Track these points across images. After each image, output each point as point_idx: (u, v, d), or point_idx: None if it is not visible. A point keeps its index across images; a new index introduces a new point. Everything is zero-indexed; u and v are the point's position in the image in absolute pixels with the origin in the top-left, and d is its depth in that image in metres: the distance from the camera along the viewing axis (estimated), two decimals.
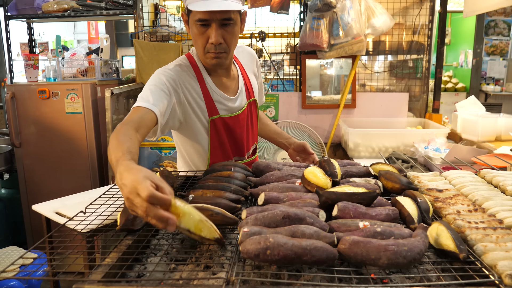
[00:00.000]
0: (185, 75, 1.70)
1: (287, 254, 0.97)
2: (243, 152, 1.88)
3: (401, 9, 3.85)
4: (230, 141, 1.82)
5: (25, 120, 3.33)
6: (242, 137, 1.85)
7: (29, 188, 3.45)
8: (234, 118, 1.80)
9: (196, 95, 1.72)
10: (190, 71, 1.73)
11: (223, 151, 1.81)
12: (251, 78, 1.94)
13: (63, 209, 1.77)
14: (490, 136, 3.21)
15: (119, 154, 1.20)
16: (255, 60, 2.00)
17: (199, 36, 1.61)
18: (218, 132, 1.77)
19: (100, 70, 3.46)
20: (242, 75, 1.88)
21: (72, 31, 7.75)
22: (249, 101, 1.88)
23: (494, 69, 7.22)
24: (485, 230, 1.15)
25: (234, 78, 1.84)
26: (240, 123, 1.83)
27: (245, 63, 1.94)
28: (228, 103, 1.78)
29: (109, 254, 1.09)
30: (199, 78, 1.73)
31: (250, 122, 1.90)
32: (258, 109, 1.97)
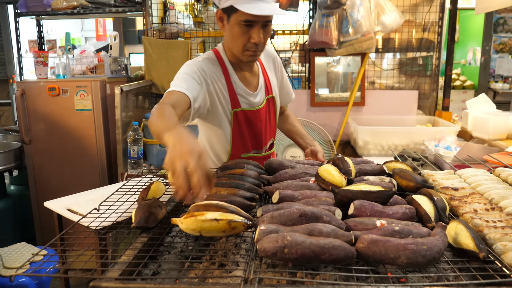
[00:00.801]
0: (213, 67, 1.79)
1: (305, 252, 0.96)
2: (261, 145, 1.95)
3: (410, 6, 3.82)
4: (250, 134, 1.90)
5: (35, 117, 3.34)
6: (261, 131, 1.92)
7: (38, 185, 3.46)
8: (254, 112, 1.88)
9: (222, 87, 1.80)
10: (217, 64, 1.82)
11: (243, 142, 1.89)
12: (271, 76, 2.01)
13: (75, 206, 1.77)
14: (502, 134, 3.18)
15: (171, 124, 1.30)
16: (275, 59, 2.07)
17: (241, 35, 1.69)
18: (239, 124, 1.85)
19: (110, 67, 3.47)
20: (262, 72, 1.96)
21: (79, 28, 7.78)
22: (268, 97, 1.95)
23: (502, 66, 7.15)
24: (503, 229, 1.13)
25: (255, 74, 1.93)
26: (260, 117, 1.91)
27: (265, 62, 2.01)
28: (249, 98, 1.87)
29: (124, 251, 1.09)
30: (225, 72, 1.82)
31: (268, 118, 1.97)
32: (276, 106, 2.03)
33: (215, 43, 4.51)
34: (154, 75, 3.75)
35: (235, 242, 1.22)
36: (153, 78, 3.75)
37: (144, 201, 1.30)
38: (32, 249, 2.71)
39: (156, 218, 1.24)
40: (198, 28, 4.23)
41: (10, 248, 2.71)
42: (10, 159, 3.45)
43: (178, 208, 1.45)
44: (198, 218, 1.09)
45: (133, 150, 3.03)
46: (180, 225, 1.13)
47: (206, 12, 3.99)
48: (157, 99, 3.92)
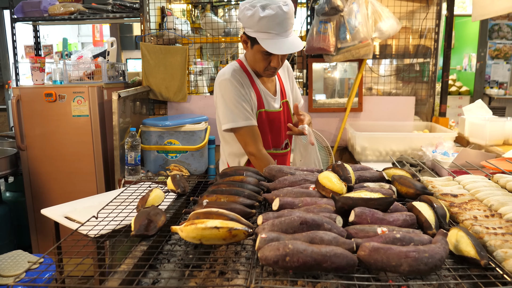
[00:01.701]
0: (241, 76, 2.05)
1: (306, 260, 0.95)
2: (279, 143, 2.21)
3: (407, 13, 3.84)
4: (271, 132, 2.15)
5: (31, 123, 3.32)
6: (280, 131, 2.18)
7: (34, 192, 3.43)
8: (275, 113, 2.15)
9: (251, 92, 2.06)
10: (243, 73, 2.07)
11: (264, 139, 2.10)
12: (285, 82, 2.26)
13: (73, 213, 1.75)
14: (498, 140, 3.19)
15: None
16: (288, 67, 2.33)
17: (262, 61, 1.97)
18: (262, 123, 2.09)
19: (107, 73, 3.46)
20: (278, 79, 2.23)
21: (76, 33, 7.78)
22: (283, 102, 2.21)
23: (497, 72, 7.20)
24: (504, 236, 1.13)
25: (273, 81, 2.20)
26: (280, 118, 2.17)
27: (280, 70, 2.26)
28: (271, 100, 2.14)
29: (124, 260, 1.08)
30: (250, 78, 2.09)
31: (285, 120, 2.21)
32: (290, 109, 2.27)
33: (213, 49, 4.52)
34: (151, 81, 3.74)
35: (235, 250, 1.21)
36: (150, 84, 3.75)
37: (143, 209, 1.29)
38: (28, 256, 2.68)
39: (156, 226, 1.23)
40: (195, 34, 4.23)
41: (6, 255, 2.68)
42: (5, 165, 3.43)
43: (177, 216, 1.44)
44: (198, 226, 1.09)
45: (131, 157, 3.02)
46: (180, 233, 1.12)
47: (204, 18, 4.00)
48: (155, 105, 3.91)
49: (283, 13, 1.81)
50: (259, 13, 1.80)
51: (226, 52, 4.52)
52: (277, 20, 1.81)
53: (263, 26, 1.83)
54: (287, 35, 1.87)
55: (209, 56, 4.73)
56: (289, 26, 1.87)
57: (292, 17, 1.87)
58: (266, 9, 1.81)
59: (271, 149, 2.16)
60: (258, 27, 1.85)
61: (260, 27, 1.84)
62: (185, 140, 3.26)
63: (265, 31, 1.84)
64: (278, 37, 1.85)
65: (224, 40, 3.88)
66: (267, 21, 1.81)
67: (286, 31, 1.86)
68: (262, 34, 1.86)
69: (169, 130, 3.23)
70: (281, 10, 1.81)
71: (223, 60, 4.59)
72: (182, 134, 3.25)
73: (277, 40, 1.85)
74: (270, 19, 1.81)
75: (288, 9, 1.84)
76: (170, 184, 1.59)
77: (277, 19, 1.81)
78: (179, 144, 3.26)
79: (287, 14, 1.83)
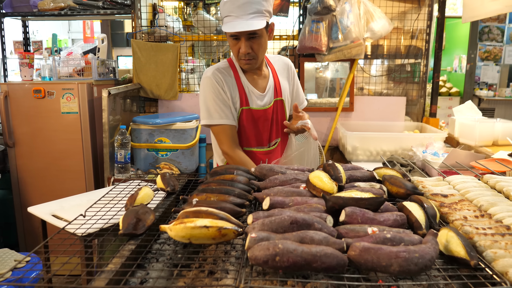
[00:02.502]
0: (226, 74, 2.08)
1: (296, 260, 0.95)
2: (263, 142, 2.18)
3: (399, 13, 3.85)
4: (254, 130, 2.13)
5: (19, 120, 3.28)
6: (266, 129, 2.16)
7: (22, 189, 3.39)
8: (261, 111, 2.12)
9: (233, 89, 2.07)
10: (229, 70, 2.10)
11: (246, 137, 2.13)
12: (282, 81, 2.24)
13: (60, 211, 1.73)
14: (487, 141, 3.22)
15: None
16: (288, 68, 2.31)
17: (233, 47, 2.00)
18: (245, 121, 2.09)
19: (97, 70, 3.42)
20: (273, 77, 2.20)
21: (66, 30, 7.69)
22: (276, 100, 2.18)
23: (487, 74, 7.27)
24: (493, 236, 1.13)
25: (264, 78, 2.17)
26: (266, 116, 2.14)
27: (279, 70, 2.25)
28: (257, 98, 2.11)
29: (111, 259, 1.06)
30: (236, 75, 2.10)
31: (275, 118, 2.18)
32: (285, 108, 2.23)
33: (205, 47, 4.50)
34: (142, 79, 3.71)
35: (225, 249, 1.20)
36: (141, 81, 3.72)
37: (132, 207, 1.27)
38: (15, 255, 2.64)
39: (144, 224, 1.21)
40: (187, 31, 4.21)
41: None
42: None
43: (166, 215, 1.43)
44: (187, 225, 1.07)
45: (120, 154, 2.99)
46: (169, 232, 1.11)
47: (196, 16, 3.98)
48: (145, 102, 3.88)
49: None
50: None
51: (218, 50, 4.50)
52: (237, 3, 1.86)
53: (226, 10, 1.91)
54: (248, 18, 1.88)
55: (200, 54, 4.70)
56: (251, 10, 1.87)
57: (258, 2, 1.88)
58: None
59: (253, 147, 2.16)
60: (223, 12, 1.94)
61: (224, 11, 1.92)
62: (175, 138, 3.23)
63: (227, 14, 1.91)
64: (237, 19, 1.88)
65: (216, 38, 3.87)
66: (229, 4, 1.89)
67: (247, 14, 1.88)
68: (226, 18, 1.93)
69: (159, 128, 3.20)
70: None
71: (215, 58, 4.57)
72: (173, 132, 3.22)
73: (235, 21, 1.88)
74: (231, 2, 1.88)
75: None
76: (160, 182, 1.58)
77: (237, 2, 1.86)
78: (170, 142, 3.24)
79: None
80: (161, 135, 3.23)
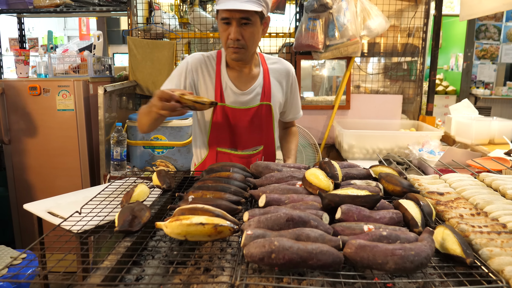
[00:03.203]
0: (206, 63, 1.97)
1: (292, 258, 0.94)
2: (237, 146, 2.02)
3: (396, 11, 3.85)
4: (229, 130, 1.99)
5: (15, 117, 3.27)
6: (242, 131, 1.99)
7: (17, 186, 3.38)
8: (237, 110, 1.96)
9: (210, 80, 1.95)
10: (212, 60, 1.99)
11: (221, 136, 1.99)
12: (274, 86, 2.06)
13: (56, 208, 1.72)
14: (484, 139, 3.22)
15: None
16: (288, 74, 2.13)
17: (223, 33, 1.84)
18: (220, 117, 1.96)
19: (93, 67, 3.41)
20: (264, 78, 2.03)
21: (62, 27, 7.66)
22: (262, 103, 2.00)
23: (484, 73, 7.28)
24: (489, 235, 1.14)
25: (252, 77, 2.01)
26: (244, 117, 1.97)
27: (274, 72, 2.08)
28: (235, 96, 1.96)
29: (107, 256, 1.06)
30: (217, 68, 1.97)
31: (257, 122, 2.02)
32: (273, 115, 2.07)
33: (201, 45, 4.48)
34: (138, 76, 3.70)
35: (220, 246, 1.20)
36: (137, 78, 3.70)
37: (128, 204, 1.27)
38: (11, 252, 2.63)
39: (140, 221, 1.21)
40: (183, 29, 4.19)
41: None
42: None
43: (162, 212, 1.42)
44: (183, 222, 1.07)
45: (116, 152, 2.98)
46: (164, 229, 1.10)
47: (192, 13, 3.96)
48: (142, 100, 3.87)
49: None
50: None
51: (214, 47, 4.48)
52: None
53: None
54: (242, 0, 1.73)
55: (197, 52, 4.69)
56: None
57: None
58: None
59: (227, 148, 2.02)
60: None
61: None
62: (171, 136, 3.23)
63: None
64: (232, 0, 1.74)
65: (212, 35, 3.86)
66: None
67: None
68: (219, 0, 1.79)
69: None
70: None
71: None
72: (169, 129, 3.22)
73: (229, 1, 1.74)
74: None
75: None
76: (156, 179, 1.57)
77: None
78: (166, 140, 3.23)
79: None
80: (157, 133, 3.22)
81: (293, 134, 2.34)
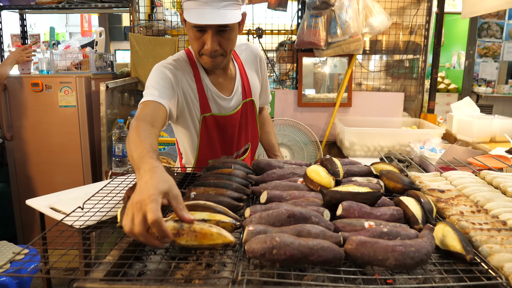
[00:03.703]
0: (183, 71, 1.70)
1: (293, 253, 0.95)
2: (231, 151, 1.90)
3: (398, 9, 3.85)
4: (220, 139, 1.83)
5: (17, 113, 3.28)
6: (233, 136, 1.86)
7: (20, 182, 3.39)
8: (226, 117, 1.80)
9: (191, 92, 1.72)
10: (188, 67, 1.73)
11: (211, 148, 1.83)
12: (251, 78, 1.91)
13: (58, 204, 1.73)
14: (485, 137, 3.22)
15: (143, 152, 1.19)
16: (258, 58, 1.95)
17: (195, 41, 1.61)
18: (208, 129, 1.78)
19: (95, 64, 3.41)
20: (241, 74, 1.86)
21: (64, 23, 7.66)
22: (245, 101, 1.87)
23: (486, 71, 7.27)
24: (489, 232, 1.14)
25: (231, 78, 1.83)
26: (233, 122, 1.83)
27: (247, 62, 1.91)
28: (222, 102, 1.79)
29: (110, 251, 1.07)
30: (196, 75, 1.73)
31: (244, 122, 1.90)
32: (255, 109, 1.95)
33: None
34: (140, 73, 3.70)
35: None
36: (139, 75, 3.71)
37: None
38: (13, 247, 2.65)
39: None
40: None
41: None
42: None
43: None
44: None
45: (118, 148, 2.99)
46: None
47: None
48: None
49: None
50: None
51: None
52: None
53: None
54: (219, 7, 1.50)
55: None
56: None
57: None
58: None
59: (220, 157, 1.87)
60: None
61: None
62: (173, 133, 3.23)
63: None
64: (206, 6, 1.50)
65: None
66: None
67: (218, 1, 1.50)
68: (188, 3, 1.54)
69: None
70: None
71: None
72: (171, 126, 3.21)
73: (202, 9, 1.50)
74: None
75: None
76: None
77: None
78: (168, 136, 3.24)
79: None
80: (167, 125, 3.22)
81: (268, 121, 2.21)
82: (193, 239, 1.02)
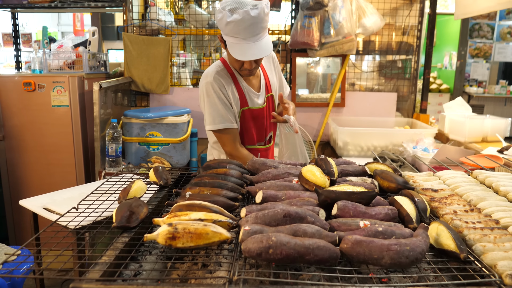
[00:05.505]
0: (225, 79, 2.05)
1: (289, 253, 0.96)
2: (262, 137, 2.23)
3: (391, 9, 3.87)
4: (255, 129, 2.17)
5: (9, 113, 3.25)
6: (263, 126, 2.19)
7: (11, 182, 3.36)
8: (258, 110, 2.14)
9: (234, 92, 2.07)
10: (226, 73, 2.07)
11: (248, 136, 2.15)
12: (270, 75, 2.24)
13: (52, 204, 1.72)
14: (477, 137, 3.25)
15: None
16: (271, 57, 2.28)
17: (236, 62, 1.97)
18: (246, 121, 2.11)
19: (88, 63, 3.39)
20: (263, 74, 2.20)
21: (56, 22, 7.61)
22: (267, 96, 2.20)
23: (477, 71, 7.34)
24: (482, 230, 1.15)
25: (257, 76, 2.18)
26: (264, 114, 2.17)
27: (266, 63, 2.24)
28: (254, 98, 2.13)
29: (105, 252, 1.06)
30: (233, 78, 2.08)
31: (268, 114, 2.21)
32: (274, 103, 2.26)
33: (196, 41, 4.48)
34: (134, 72, 3.69)
35: None
36: (132, 75, 3.69)
37: (125, 200, 1.27)
38: (5, 248, 2.62)
39: (138, 217, 1.21)
40: (179, 25, 4.19)
41: None
42: None
43: (159, 208, 1.43)
44: (181, 218, 1.08)
45: (112, 148, 2.98)
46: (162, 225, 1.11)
47: (188, 9, 3.96)
48: (137, 96, 3.86)
49: (250, 18, 1.76)
50: (227, 18, 1.78)
51: (209, 44, 4.49)
52: (243, 25, 1.78)
53: (231, 31, 1.82)
54: (256, 40, 1.83)
55: (192, 48, 4.69)
56: (258, 30, 1.82)
57: (263, 20, 1.81)
58: (234, 13, 1.77)
59: (255, 144, 2.19)
60: (226, 30, 1.84)
61: (228, 31, 1.83)
62: (167, 133, 3.23)
63: (232, 35, 1.83)
64: (245, 42, 1.82)
65: (208, 32, 3.85)
66: (234, 26, 1.79)
67: (254, 35, 1.82)
68: (230, 38, 1.85)
69: (151, 122, 3.19)
70: (248, 15, 1.76)
71: (207, 52, 4.55)
72: (164, 126, 3.21)
73: (243, 45, 1.83)
74: (236, 24, 1.78)
75: (257, 13, 1.77)
76: (153, 176, 1.58)
77: (243, 24, 1.77)
78: (161, 137, 3.23)
79: (255, 18, 1.77)
80: (153, 129, 3.22)
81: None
82: (189, 241, 1.02)
